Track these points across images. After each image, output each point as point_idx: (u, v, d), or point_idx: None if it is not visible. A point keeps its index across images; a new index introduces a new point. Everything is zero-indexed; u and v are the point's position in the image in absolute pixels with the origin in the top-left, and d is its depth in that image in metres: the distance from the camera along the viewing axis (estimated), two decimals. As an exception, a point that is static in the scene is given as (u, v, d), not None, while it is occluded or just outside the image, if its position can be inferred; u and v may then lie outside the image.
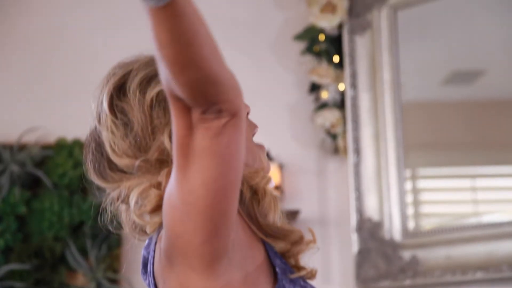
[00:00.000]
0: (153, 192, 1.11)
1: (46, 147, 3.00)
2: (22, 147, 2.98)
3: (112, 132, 1.15)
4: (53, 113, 3.08)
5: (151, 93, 1.15)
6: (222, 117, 0.99)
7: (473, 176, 3.00)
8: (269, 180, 1.18)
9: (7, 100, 3.10)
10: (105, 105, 1.17)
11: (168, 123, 1.13)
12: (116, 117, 1.15)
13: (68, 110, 3.05)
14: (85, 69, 3.08)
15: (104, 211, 1.20)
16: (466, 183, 3.02)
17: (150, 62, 1.18)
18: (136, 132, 1.14)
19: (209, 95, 0.97)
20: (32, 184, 2.97)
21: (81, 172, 2.97)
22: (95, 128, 1.19)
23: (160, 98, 1.15)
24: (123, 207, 1.18)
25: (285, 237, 1.16)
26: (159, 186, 1.12)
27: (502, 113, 2.88)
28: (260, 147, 1.24)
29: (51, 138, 3.02)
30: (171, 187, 1.05)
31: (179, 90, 0.96)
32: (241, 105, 1.01)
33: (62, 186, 2.95)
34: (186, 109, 0.99)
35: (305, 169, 3.10)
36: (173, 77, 0.95)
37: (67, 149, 2.98)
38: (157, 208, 1.11)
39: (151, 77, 1.16)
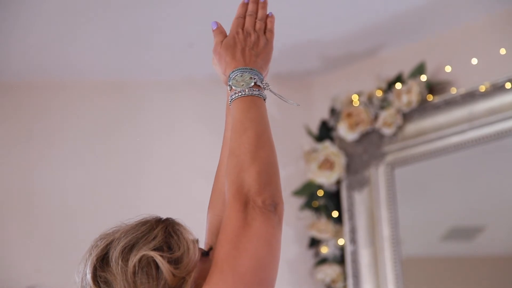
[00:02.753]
0: None
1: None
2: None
3: None
4: (53, 271, 3.06)
5: (133, 260, 1.18)
6: (277, 212, 1.18)
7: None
8: None
9: (8, 257, 3.08)
10: (89, 277, 1.19)
11: (152, 287, 1.16)
12: None
13: (69, 268, 3.02)
14: (82, 228, 3.08)
15: None
16: None
17: (131, 230, 1.22)
18: None
19: (273, 186, 1.20)
20: None
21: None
22: None
23: (143, 264, 1.18)
24: None
25: None
26: None
27: (502, 269, 2.86)
28: None
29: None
30: None
31: (251, 177, 1.18)
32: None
33: None
34: (242, 205, 1.16)
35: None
36: (251, 164, 1.19)
37: (64, 307, 2.94)
38: None
39: (133, 245, 1.19)
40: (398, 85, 2.96)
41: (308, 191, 3.08)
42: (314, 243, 3.07)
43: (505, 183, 2.83)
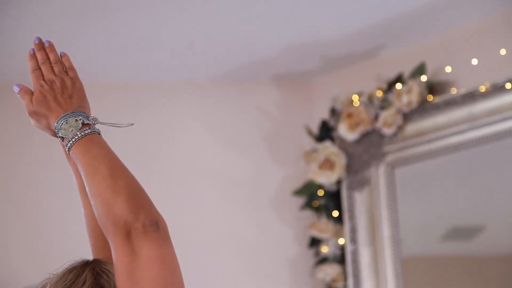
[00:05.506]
0: None
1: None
2: (19, 305, 2.95)
3: None
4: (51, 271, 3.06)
5: None
6: (160, 229, 1.17)
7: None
8: None
9: (5, 259, 3.09)
10: None
11: None
12: None
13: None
14: (83, 228, 3.09)
15: None
16: None
17: (59, 281, 1.24)
18: None
19: (146, 207, 1.18)
20: None
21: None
22: None
23: None
24: None
25: None
26: None
27: (503, 269, 2.87)
28: None
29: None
30: None
31: (122, 208, 1.17)
32: None
33: None
34: (125, 238, 1.15)
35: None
36: (116, 197, 1.17)
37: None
38: None
39: None
40: (399, 86, 2.97)
41: (308, 191, 3.09)
42: (315, 242, 3.07)
43: (505, 183, 2.84)
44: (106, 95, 3.29)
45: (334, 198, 3.07)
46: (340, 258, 3.03)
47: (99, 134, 1.32)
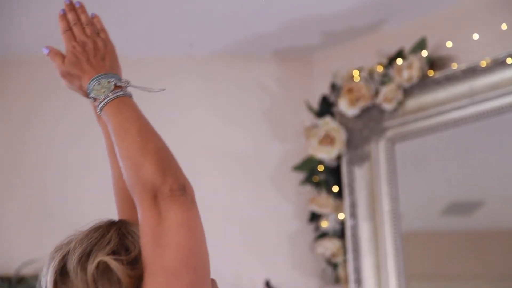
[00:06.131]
0: None
1: (44, 278, 2.98)
2: (20, 280, 2.96)
3: None
4: (51, 245, 3.07)
5: (91, 267, 1.18)
6: (187, 193, 1.17)
7: (476, 307, 2.97)
8: None
9: (5, 233, 3.10)
10: None
11: None
12: None
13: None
14: (83, 202, 3.10)
15: None
16: (469, 313, 2.98)
17: (84, 238, 1.22)
18: None
19: (174, 171, 1.19)
20: (29, 316, 2.94)
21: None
22: None
23: (101, 270, 1.18)
24: None
25: None
26: None
27: (502, 243, 2.88)
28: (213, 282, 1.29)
29: (50, 269, 3.01)
30: None
31: (150, 171, 1.17)
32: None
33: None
34: (152, 201, 1.15)
35: (306, 298, 3.07)
36: (145, 160, 1.18)
37: (66, 280, 2.96)
38: None
39: (89, 253, 1.20)
40: (399, 61, 2.96)
41: (308, 166, 3.09)
42: (315, 217, 3.08)
43: (505, 158, 2.84)
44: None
45: (334, 173, 3.07)
46: (340, 233, 3.04)
47: (131, 97, 1.33)
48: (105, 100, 1.30)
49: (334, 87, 3.11)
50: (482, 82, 2.79)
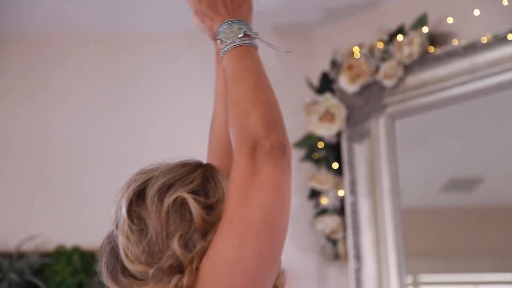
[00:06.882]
0: None
1: (45, 254, 2.99)
2: (21, 255, 2.97)
3: (127, 237, 1.17)
4: (52, 221, 3.08)
5: (169, 200, 1.18)
6: (286, 156, 1.14)
7: (476, 283, 2.98)
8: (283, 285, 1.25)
9: (6, 209, 3.10)
10: (124, 210, 1.19)
11: (180, 229, 1.16)
12: (133, 222, 1.18)
13: (67, 217, 3.06)
14: (84, 177, 3.11)
15: None
16: (468, 290, 3.00)
17: (170, 171, 1.22)
18: (151, 238, 1.16)
19: (279, 129, 1.16)
20: (30, 292, 2.95)
21: (79, 279, 2.95)
22: (112, 232, 1.21)
23: (177, 205, 1.18)
24: None
25: None
26: None
27: (502, 220, 2.89)
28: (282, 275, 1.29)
29: (51, 246, 3.02)
30: (224, 243, 1.12)
31: (255, 122, 1.15)
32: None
33: (60, 294, 2.93)
34: (250, 152, 1.13)
35: (306, 274, 3.08)
36: (254, 110, 1.16)
37: (66, 257, 2.97)
38: None
39: (171, 185, 1.20)
40: (400, 37, 2.95)
41: (308, 143, 3.09)
42: (314, 194, 3.09)
43: (506, 134, 2.84)
44: (106, 46, 3.27)
45: (334, 150, 3.07)
46: (340, 210, 3.04)
47: (256, 48, 1.32)
48: (231, 45, 1.30)
49: (334, 64, 3.11)
50: (483, 58, 2.78)
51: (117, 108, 3.22)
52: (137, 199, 1.19)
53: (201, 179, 1.21)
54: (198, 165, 1.25)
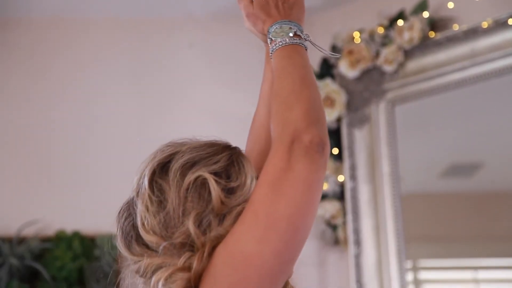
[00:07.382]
0: (180, 276, 1.13)
1: (45, 239, 3.00)
2: (21, 240, 2.98)
3: (146, 207, 1.18)
4: (52, 206, 3.09)
5: (190, 177, 1.18)
6: (324, 154, 1.11)
7: (475, 268, 2.98)
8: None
9: (6, 194, 3.11)
10: (146, 180, 1.20)
11: (196, 208, 1.16)
12: (153, 193, 1.18)
13: (68, 202, 3.06)
14: (85, 162, 3.11)
15: None
16: (468, 274, 3.00)
17: (197, 148, 1.22)
18: (168, 211, 1.17)
19: (321, 126, 1.14)
20: (31, 277, 2.95)
21: (79, 264, 2.96)
22: (132, 199, 1.22)
23: (198, 184, 1.18)
24: (141, 280, 1.19)
25: None
26: (185, 270, 1.13)
27: (501, 205, 2.89)
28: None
29: (51, 231, 3.02)
30: (246, 234, 1.11)
31: (297, 116, 1.13)
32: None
33: (60, 278, 2.93)
34: (288, 145, 1.11)
35: (305, 260, 3.07)
36: (296, 103, 1.15)
37: (67, 242, 2.97)
38: None
39: (195, 162, 1.20)
40: (400, 22, 2.94)
41: (308, 128, 3.08)
42: (314, 179, 3.09)
43: (506, 120, 2.84)
44: (106, 30, 3.27)
45: (334, 136, 3.07)
46: (340, 195, 3.04)
47: (306, 49, 1.31)
48: (280, 43, 1.30)
49: (334, 49, 3.10)
50: (484, 43, 2.77)
51: (119, 93, 3.22)
52: (161, 171, 1.20)
53: (226, 161, 1.21)
54: (225, 147, 1.24)
